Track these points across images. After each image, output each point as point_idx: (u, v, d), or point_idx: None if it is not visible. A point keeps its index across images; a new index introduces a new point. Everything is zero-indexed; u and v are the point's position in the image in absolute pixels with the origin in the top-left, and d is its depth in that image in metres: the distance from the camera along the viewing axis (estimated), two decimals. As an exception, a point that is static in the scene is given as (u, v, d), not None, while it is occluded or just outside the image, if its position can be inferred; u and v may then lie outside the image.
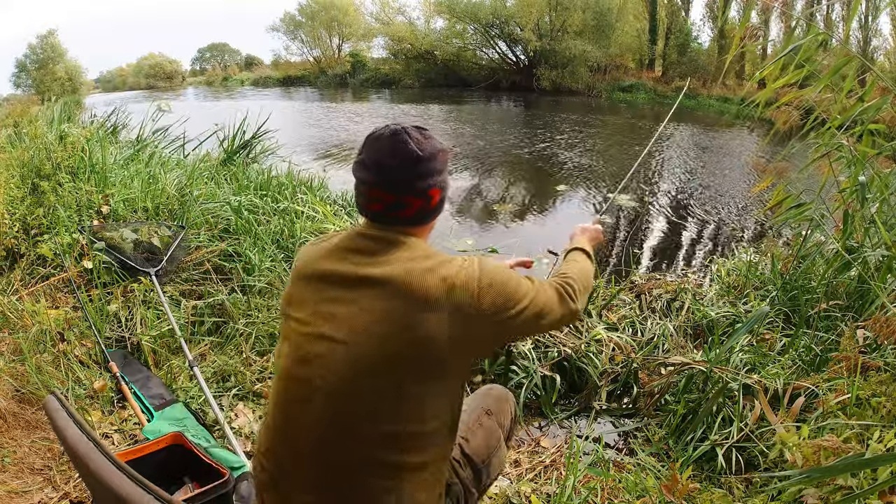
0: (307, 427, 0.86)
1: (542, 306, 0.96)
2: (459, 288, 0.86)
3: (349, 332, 0.84)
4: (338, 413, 0.84)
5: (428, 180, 0.91)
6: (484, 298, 0.87)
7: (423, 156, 0.89)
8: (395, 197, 0.90)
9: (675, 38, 21.75)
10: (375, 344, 0.83)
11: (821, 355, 2.19)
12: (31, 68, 21.27)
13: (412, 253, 0.89)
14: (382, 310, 0.84)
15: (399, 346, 0.83)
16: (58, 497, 1.68)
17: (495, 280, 0.90)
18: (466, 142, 10.55)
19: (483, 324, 0.87)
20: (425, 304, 0.84)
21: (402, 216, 0.91)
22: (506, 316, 0.89)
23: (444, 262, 0.89)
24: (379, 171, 0.90)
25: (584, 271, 1.12)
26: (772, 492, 1.62)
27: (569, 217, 5.98)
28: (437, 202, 0.95)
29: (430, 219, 0.96)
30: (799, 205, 2.82)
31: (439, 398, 0.88)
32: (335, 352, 0.84)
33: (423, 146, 0.90)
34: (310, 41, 29.24)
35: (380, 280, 0.86)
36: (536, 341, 2.51)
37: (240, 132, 5.63)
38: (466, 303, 0.86)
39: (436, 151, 0.92)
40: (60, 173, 3.37)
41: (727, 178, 8.22)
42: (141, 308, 2.56)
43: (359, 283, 0.87)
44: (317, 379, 0.84)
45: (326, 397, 0.84)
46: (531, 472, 1.89)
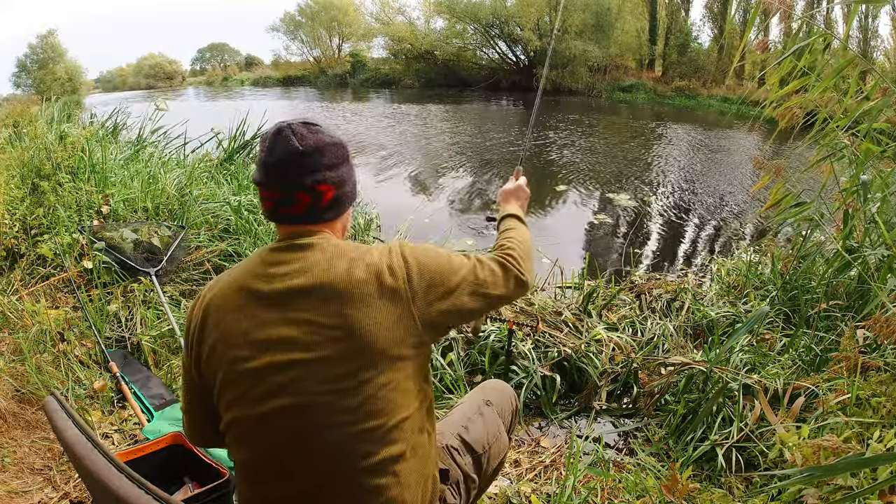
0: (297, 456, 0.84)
1: (483, 278, 0.95)
2: (387, 273, 0.86)
3: (300, 351, 0.82)
4: (314, 431, 0.83)
5: (315, 175, 0.87)
6: (414, 278, 0.87)
7: (305, 150, 0.86)
8: (282, 194, 0.88)
9: (675, 38, 21.75)
10: (325, 352, 0.82)
11: (821, 355, 2.19)
12: (31, 68, 21.28)
13: (324, 253, 0.87)
14: (321, 317, 0.83)
15: (347, 347, 0.82)
16: (58, 497, 1.68)
17: (421, 259, 0.89)
18: (466, 141, 10.55)
19: (422, 303, 0.87)
20: (360, 299, 0.83)
21: (293, 213, 0.89)
22: (443, 291, 0.89)
23: (364, 252, 0.88)
24: (265, 169, 0.88)
25: (521, 239, 1.11)
26: (772, 492, 1.62)
27: (569, 216, 5.99)
28: (329, 198, 0.90)
29: (328, 215, 0.92)
30: (799, 204, 2.82)
31: (405, 384, 0.87)
32: (292, 373, 0.82)
33: (305, 141, 0.87)
34: (310, 41, 29.26)
35: (307, 288, 0.84)
36: (536, 341, 2.51)
37: (239, 132, 5.63)
38: (399, 286, 0.85)
39: (322, 145, 0.88)
40: (60, 173, 3.37)
41: (727, 178, 8.23)
42: (141, 308, 2.56)
43: (289, 298, 0.84)
44: (284, 407, 0.83)
45: (299, 420, 0.83)
46: (531, 472, 1.89)
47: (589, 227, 5.56)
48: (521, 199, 1.32)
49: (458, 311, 0.91)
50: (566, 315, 2.77)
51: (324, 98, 20.37)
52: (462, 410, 1.26)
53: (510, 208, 1.27)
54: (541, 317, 2.70)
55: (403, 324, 0.85)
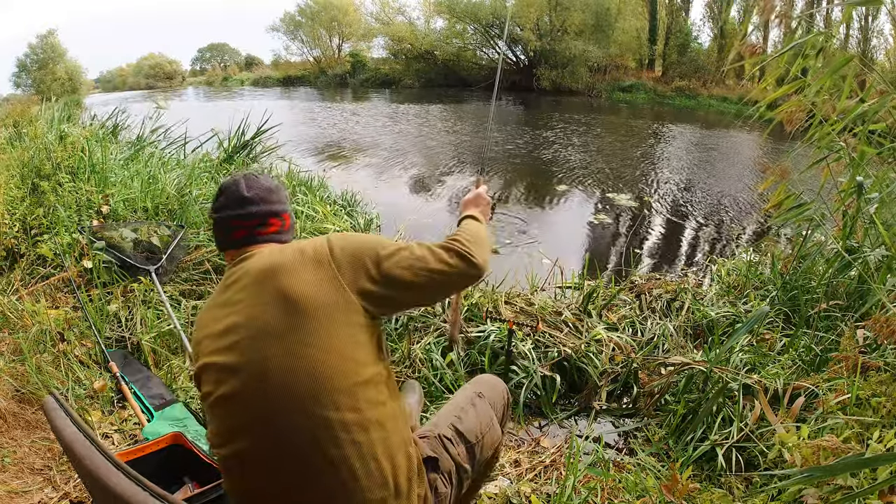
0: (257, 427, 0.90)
1: (420, 254, 1.01)
2: (309, 250, 0.99)
3: (243, 329, 0.93)
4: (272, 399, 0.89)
5: (281, 205, 1.15)
6: (336, 251, 0.98)
7: (271, 187, 1.15)
8: (261, 217, 1.11)
9: (675, 38, 21.74)
10: (265, 319, 0.92)
11: (821, 355, 2.19)
12: (31, 68, 21.27)
13: (261, 256, 1.03)
14: (257, 294, 0.95)
15: (284, 308, 0.92)
16: (58, 497, 1.68)
17: (347, 238, 1.02)
18: (466, 141, 10.55)
19: (349, 272, 0.96)
20: (286, 269, 0.95)
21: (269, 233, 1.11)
22: (371, 261, 0.98)
23: (289, 244, 1.05)
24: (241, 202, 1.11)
25: (470, 230, 1.15)
26: (772, 492, 1.62)
27: (569, 216, 5.98)
28: (278, 228, 1.13)
29: (287, 237, 1.14)
30: (799, 205, 2.82)
31: (351, 352, 0.92)
32: (240, 348, 0.92)
33: (252, 188, 1.12)
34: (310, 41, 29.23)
35: (246, 281, 0.98)
36: (536, 341, 2.51)
37: (239, 132, 5.63)
38: (322, 258, 0.97)
39: (264, 188, 1.14)
40: (60, 173, 3.37)
41: (727, 178, 8.22)
42: (141, 308, 2.56)
43: (233, 294, 0.99)
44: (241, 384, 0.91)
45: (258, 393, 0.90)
46: (531, 472, 1.89)
47: (589, 227, 5.56)
48: (480, 205, 1.38)
49: (390, 281, 0.97)
50: (566, 315, 2.77)
51: (324, 98, 20.35)
52: (455, 402, 1.29)
53: (469, 212, 1.32)
54: (541, 317, 2.70)
55: (333, 286, 0.94)
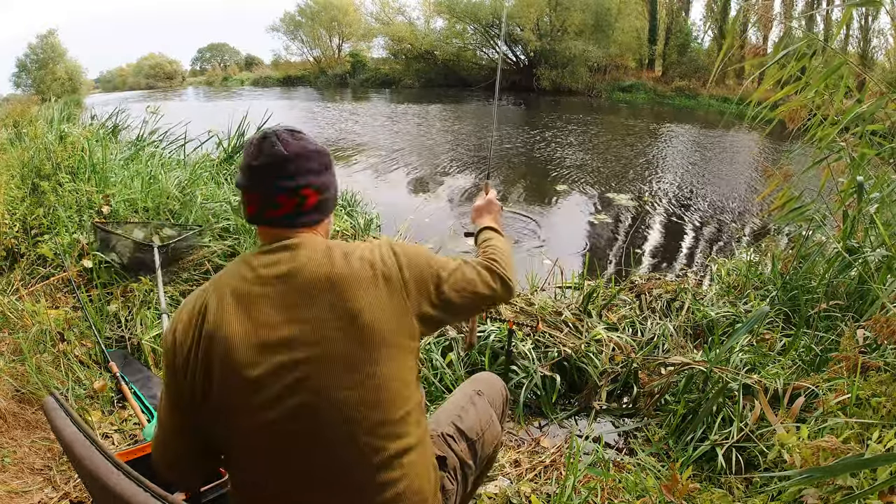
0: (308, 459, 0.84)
1: (470, 276, 0.99)
2: (380, 262, 0.89)
3: (305, 348, 0.82)
4: (326, 430, 0.83)
5: (298, 180, 0.90)
6: (404, 269, 0.90)
7: (290, 155, 0.89)
8: (266, 196, 0.90)
9: (675, 38, 21.74)
10: (330, 347, 0.82)
11: (821, 355, 2.19)
12: (31, 68, 21.27)
13: (314, 250, 0.88)
14: (323, 311, 0.83)
15: (351, 335, 0.83)
16: (58, 497, 1.68)
17: (409, 252, 0.94)
18: (466, 141, 10.55)
19: (414, 294, 0.90)
20: (358, 285, 0.85)
21: (276, 216, 0.91)
22: (432, 285, 0.93)
23: (354, 247, 0.91)
24: (249, 172, 0.91)
25: (503, 248, 1.15)
26: (772, 492, 1.62)
27: (569, 216, 5.98)
28: (313, 203, 0.92)
29: (311, 219, 0.93)
30: (800, 206, 2.83)
31: (407, 376, 0.89)
32: (299, 373, 0.82)
33: (290, 146, 0.90)
34: (310, 41, 29.24)
35: (304, 285, 0.85)
36: (536, 341, 2.51)
37: (239, 132, 5.62)
38: (392, 274, 0.89)
39: (306, 152, 0.91)
40: (60, 173, 3.37)
41: (727, 177, 8.22)
42: (141, 308, 2.56)
43: (288, 297, 0.85)
44: (294, 409, 0.82)
45: (310, 421, 0.82)
46: (531, 472, 1.89)
47: (589, 227, 5.56)
48: (493, 212, 1.36)
49: (446, 305, 0.94)
50: (566, 315, 2.77)
51: (324, 98, 20.36)
52: (454, 401, 1.29)
53: (486, 222, 1.30)
54: (541, 317, 2.70)
55: (400, 311, 0.88)
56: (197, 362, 0.84)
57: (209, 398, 0.85)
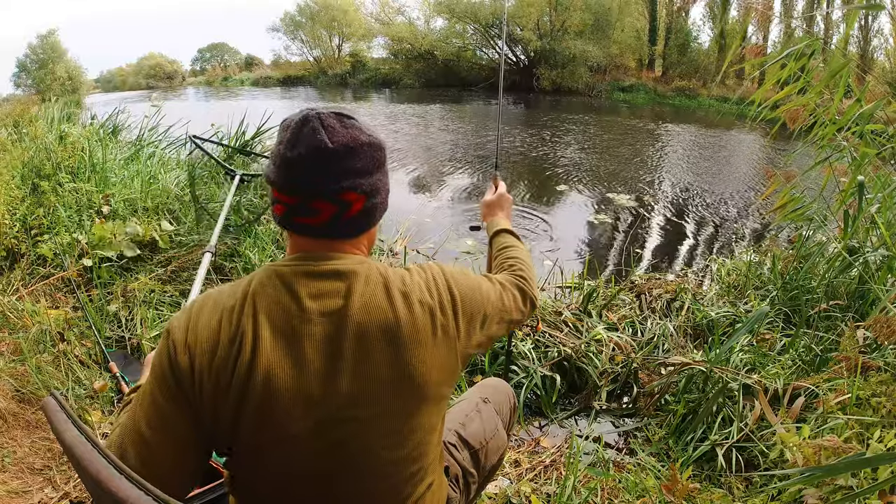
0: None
1: (507, 304, 0.93)
2: (439, 311, 0.78)
3: (358, 407, 0.72)
4: (363, 486, 0.78)
5: (342, 181, 0.71)
6: (459, 313, 0.80)
7: (335, 148, 0.70)
8: (300, 200, 0.72)
9: (675, 38, 21.74)
10: (383, 406, 0.73)
11: (821, 355, 2.19)
12: (31, 68, 21.26)
13: (370, 285, 0.74)
14: (381, 367, 0.72)
15: (402, 395, 0.74)
16: (58, 497, 1.68)
17: (464, 291, 0.83)
18: (467, 141, 10.55)
19: (464, 338, 0.81)
20: (418, 342, 0.74)
21: (311, 225, 0.73)
22: (479, 323, 0.85)
23: (411, 285, 0.77)
24: (283, 166, 0.71)
25: (525, 258, 1.08)
26: (772, 492, 1.62)
27: (569, 216, 5.98)
28: (358, 210, 0.74)
29: (354, 230, 0.76)
30: (801, 207, 2.83)
31: (438, 423, 0.85)
32: (349, 430, 0.73)
33: (336, 136, 0.70)
34: (310, 41, 29.20)
35: (364, 332, 0.72)
36: (536, 341, 2.51)
37: (239, 132, 5.63)
38: (449, 325, 0.78)
39: (356, 144, 0.72)
40: (61, 173, 3.38)
41: (727, 177, 8.22)
42: (141, 308, 2.56)
43: (345, 343, 0.71)
44: (336, 467, 0.75)
45: (349, 479, 0.77)
46: (531, 472, 1.89)
47: (589, 227, 5.56)
48: (506, 207, 1.28)
49: (489, 340, 0.88)
50: (566, 315, 2.77)
51: (324, 98, 20.35)
52: (460, 408, 1.27)
53: (501, 222, 1.23)
54: (541, 317, 2.70)
55: (450, 364, 0.79)
56: (225, 402, 0.70)
57: (230, 435, 0.73)
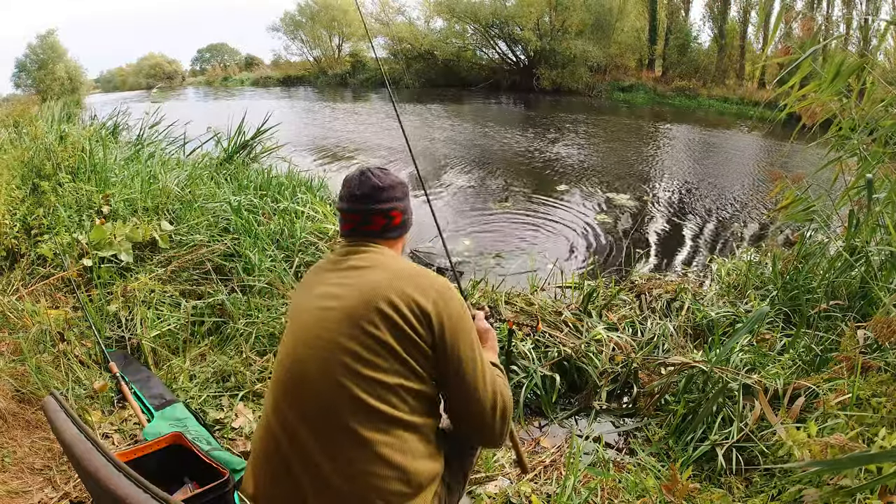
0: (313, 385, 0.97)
1: (491, 377, 1.06)
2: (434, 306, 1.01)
3: (342, 297, 1.01)
4: (333, 361, 0.96)
5: (388, 204, 1.15)
6: (446, 327, 1.01)
7: (383, 186, 1.15)
8: (362, 216, 1.14)
9: (675, 39, 21.73)
10: (360, 302, 0.99)
11: (821, 355, 2.19)
12: (31, 68, 21.26)
13: (384, 257, 1.10)
14: (369, 282, 1.02)
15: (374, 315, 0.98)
16: (58, 497, 1.68)
17: (460, 315, 1.04)
18: (467, 141, 10.55)
19: (438, 343, 1.00)
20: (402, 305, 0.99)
21: (368, 230, 1.15)
22: (459, 349, 1.02)
23: (421, 274, 1.06)
24: (352, 200, 1.15)
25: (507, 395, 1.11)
26: (772, 492, 1.62)
27: (569, 216, 5.98)
28: (399, 221, 1.18)
29: (395, 234, 1.18)
30: (808, 208, 2.83)
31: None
32: (332, 312, 1.00)
33: (382, 180, 1.15)
34: (310, 41, 29.20)
35: (366, 267, 1.07)
36: (536, 341, 2.51)
37: (239, 132, 5.63)
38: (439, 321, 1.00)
39: (394, 184, 1.17)
40: (61, 173, 3.37)
41: (727, 177, 8.22)
42: (141, 308, 2.56)
43: (348, 269, 1.07)
44: (316, 339, 0.99)
45: (322, 355, 0.98)
46: (531, 472, 1.89)
47: (589, 227, 5.56)
48: (489, 339, 1.31)
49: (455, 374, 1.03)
50: (566, 315, 2.76)
51: (324, 98, 20.35)
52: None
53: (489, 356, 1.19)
54: (541, 317, 2.70)
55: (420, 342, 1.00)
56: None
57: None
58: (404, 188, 1.19)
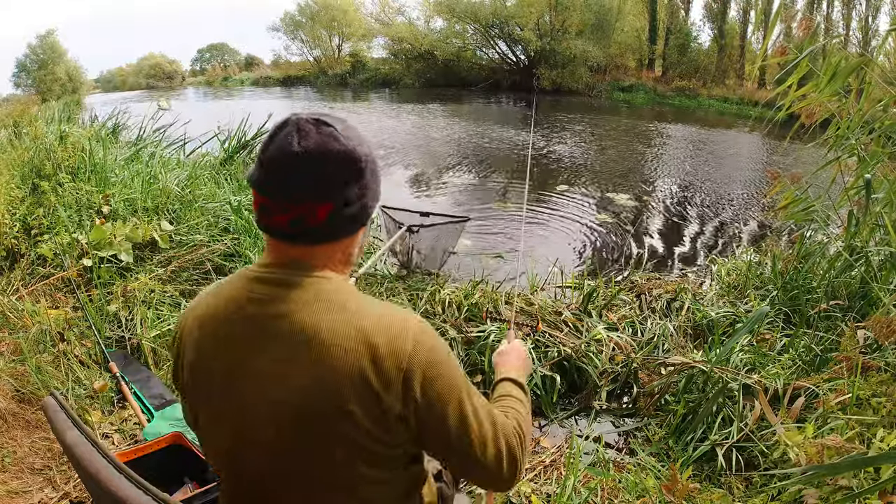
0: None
1: (494, 431, 0.78)
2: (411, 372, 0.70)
3: (291, 387, 0.69)
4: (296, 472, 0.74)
5: (305, 186, 0.70)
6: (428, 394, 0.71)
7: (300, 153, 0.69)
8: (267, 200, 0.72)
9: (674, 39, 21.74)
10: (320, 398, 0.69)
11: (821, 355, 2.19)
12: (31, 68, 21.27)
13: (333, 292, 0.72)
14: (324, 358, 0.68)
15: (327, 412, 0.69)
16: (58, 497, 1.68)
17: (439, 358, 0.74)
18: (467, 140, 10.55)
19: (419, 417, 0.72)
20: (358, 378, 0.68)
21: (279, 225, 0.72)
22: (447, 419, 0.73)
23: (390, 325, 0.71)
24: (258, 167, 0.73)
25: (527, 424, 0.89)
26: (772, 492, 1.62)
27: (569, 216, 5.98)
28: (322, 218, 0.71)
29: (320, 237, 0.74)
30: (807, 208, 2.83)
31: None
32: (283, 408, 0.70)
33: (307, 141, 0.70)
34: (310, 41, 29.20)
35: (308, 324, 0.69)
36: (536, 341, 2.51)
37: (239, 132, 5.63)
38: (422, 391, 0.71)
39: (326, 151, 0.70)
40: (61, 173, 3.37)
41: (727, 177, 8.22)
42: (141, 308, 2.56)
43: (285, 329, 0.70)
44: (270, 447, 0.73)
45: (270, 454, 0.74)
46: (531, 472, 1.89)
47: (589, 226, 5.55)
48: (522, 360, 1.09)
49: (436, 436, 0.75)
50: (566, 315, 2.77)
51: (324, 98, 20.34)
52: None
53: (510, 370, 1.03)
54: (541, 317, 2.70)
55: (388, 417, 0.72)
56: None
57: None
58: (351, 163, 0.73)
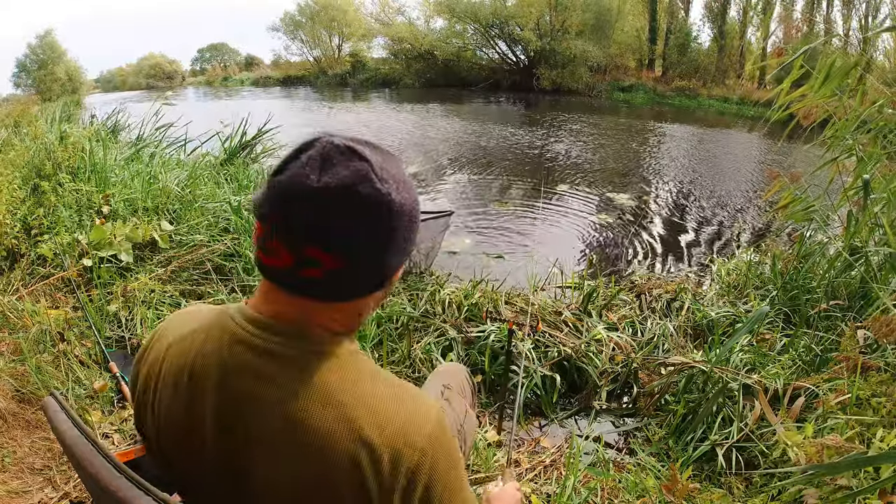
0: None
1: None
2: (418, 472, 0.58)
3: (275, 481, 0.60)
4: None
5: (310, 230, 0.55)
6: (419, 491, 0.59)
7: (314, 190, 0.54)
8: (264, 232, 0.58)
9: (674, 38, 21.75)
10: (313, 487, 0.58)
11: (821, 355, 2.19)
12: (31, 68, 21.28)
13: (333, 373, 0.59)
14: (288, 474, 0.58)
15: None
16: (58, 497, 1.68)
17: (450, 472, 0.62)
18: (467, 140, 10.55)
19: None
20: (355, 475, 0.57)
21: (270, 266, 0.58)
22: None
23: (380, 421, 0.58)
24: (265, 191, 0.58)
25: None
26: (772, 492, 1.62)
27: (569, 216, 5.98)
28: (320, 274, 0.56)
29: (316, 293, 0.59)
30: (808, 208, 2.83)
31: None
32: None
33: (329, 175, 0.54)
34: (310, 41, 29.22)
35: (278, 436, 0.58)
36: (536, 341, 2.51)
37: (239, 132, 5.64)
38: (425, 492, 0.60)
39: (348, 195, 0.54)
40: (61, 173, 3.38)
41: (727, 177, 8.23)
42: (141, 308, 2.56)
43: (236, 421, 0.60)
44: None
45: None
46: (531, 472, 1.89)
47: (589, 226, 5.56)
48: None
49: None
50: (566, 315, 2.77)
51: (324, 98, 20.35)
52: None
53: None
54: (541, 317, 2.70)
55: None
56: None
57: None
58: (380, 212, 0.57)
